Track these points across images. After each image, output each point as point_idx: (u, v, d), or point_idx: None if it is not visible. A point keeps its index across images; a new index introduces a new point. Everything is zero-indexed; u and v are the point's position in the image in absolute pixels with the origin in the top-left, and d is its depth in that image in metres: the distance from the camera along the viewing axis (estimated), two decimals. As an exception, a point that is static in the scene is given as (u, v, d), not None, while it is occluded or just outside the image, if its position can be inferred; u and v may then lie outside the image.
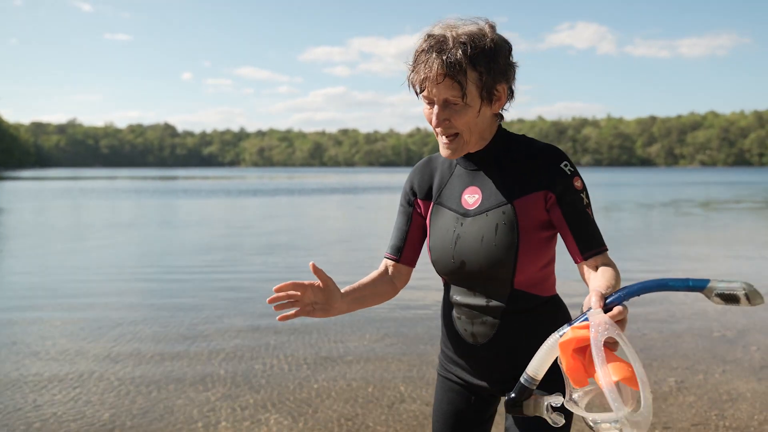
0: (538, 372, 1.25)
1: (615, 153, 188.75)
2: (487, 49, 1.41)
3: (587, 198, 1.51)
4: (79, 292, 7.39)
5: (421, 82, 1.44)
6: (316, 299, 1.49)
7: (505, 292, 1.52)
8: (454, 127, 1.47)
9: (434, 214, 1.61)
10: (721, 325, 5.79)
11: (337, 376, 4.40)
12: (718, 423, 3.61)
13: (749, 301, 1.13)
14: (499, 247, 1.48)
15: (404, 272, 1.71)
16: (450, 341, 1.65)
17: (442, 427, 1.69)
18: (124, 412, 3.75)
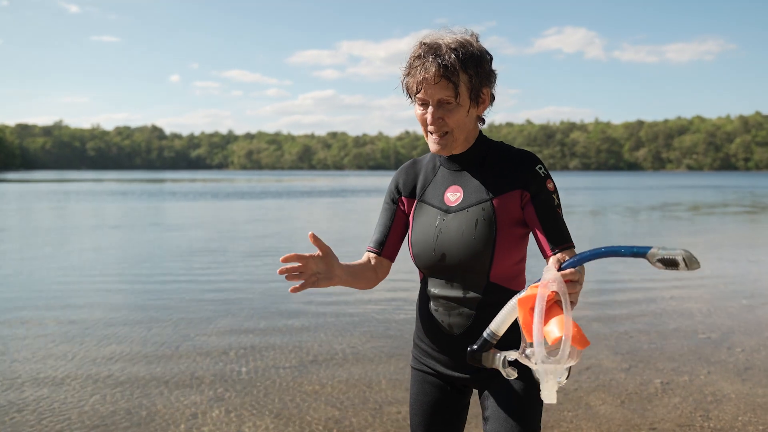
0: (499, 328, 1.38)
1: (603, 157, 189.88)
2: (475, 54, 1.59)
3: (558, 199, 1.65)
4: (64, 295, 7.31)
5: (418, 83, 1.59)
6: (318, 269, 1.56)
7: (482, 284, 1.64)
8: (447, 125, 1.61)
9: (417, 211, 1.73)
10: (706, 326, 5.83)
11: (323, 378, 4.38)
12: (703, 424, 3.62)
13: (687, 266, 1.21)
14: (478, 241, 1.61)
15: (385, 265, 1.81)
16: (426, 334, 1.74)
17: (420, 419, 1.76)
18: (108, 415, 3.71)
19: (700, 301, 6.99)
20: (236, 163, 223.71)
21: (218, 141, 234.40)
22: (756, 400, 3.99)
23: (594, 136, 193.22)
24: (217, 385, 4.25)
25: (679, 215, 20.93)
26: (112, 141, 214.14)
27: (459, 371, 1.69)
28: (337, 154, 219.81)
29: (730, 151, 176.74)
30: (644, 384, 4.29)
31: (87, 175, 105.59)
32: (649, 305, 6.75)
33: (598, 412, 3.78)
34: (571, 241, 1.63)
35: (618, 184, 60.12)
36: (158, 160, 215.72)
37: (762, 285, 7.91)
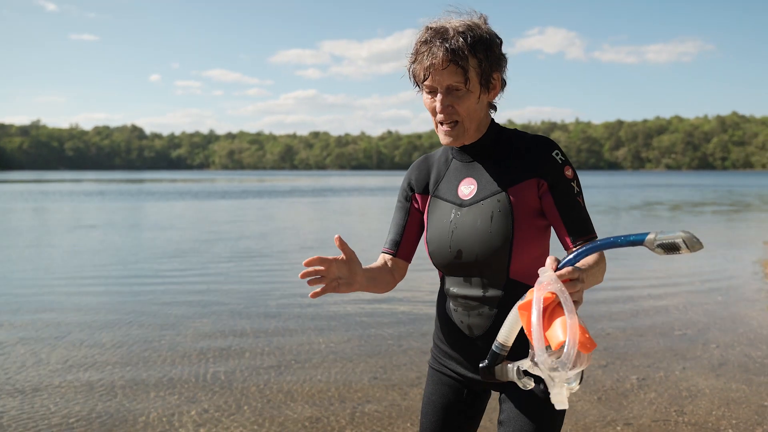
0: (507, 339, 1.30)
1: (583, 157, 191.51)
2: (485, 38, 1.50)
3: (578, 187, 1.56)
4: (38, 297, 7.20)
5: (425, 69, 1.49)
6: (340, 274, 1.49)
7: (501, 282, 1.55)
8: (457, 113, 1.53)
9: (432, 207, 1.66)
10: (682, 323, 5.91)
11: (302, 378, 4.37)
12: (678, 419, 3.67)
13: (689, 248, 1.17)
14: (495, 235, 1.52)
15: (401, 266, 1.74)
16: (445, 334, 1.67)
17: (431, 420, 1.70)
18: (83, 418, 3.66)
19: (676, 298, 7.08)
20: (217, 163, 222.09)
21: (199, 141, 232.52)
22: (730, 394, 4.05)
23: (575, 136, 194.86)
24: (194, 386, 4.22)
25: (659, 214, 21.19)
26: (90, 141, 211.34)
27: (473, 373, 1.62)
28: (320, 154, 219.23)
29: (707, 151, 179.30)
30: (621, 380, 4.33)
31: (65, 175, 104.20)
32: (626, 303, 6.82)
33: (575, 409, 3.81)
34: (594, 232, 1.54)
35: (599, 183, 60.65)
36: (138, 161, 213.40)
37: (737, 282, 8.03)
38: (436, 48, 1.47)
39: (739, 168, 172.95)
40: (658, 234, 1.19)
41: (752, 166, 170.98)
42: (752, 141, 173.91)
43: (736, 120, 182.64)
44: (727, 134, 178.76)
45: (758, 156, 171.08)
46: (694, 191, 40.90)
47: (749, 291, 7.43)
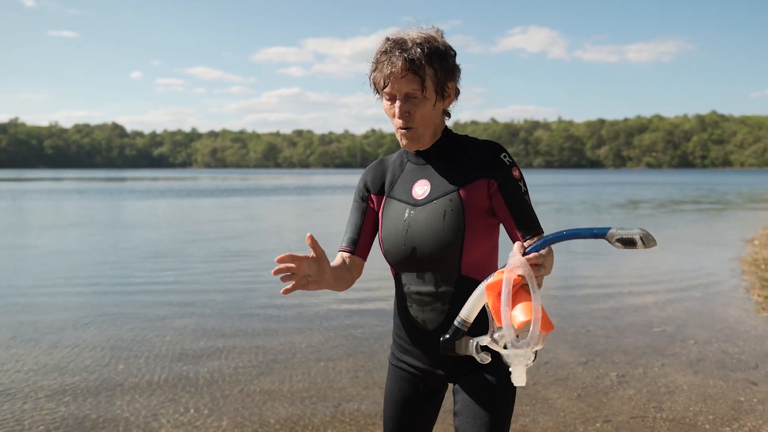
0: (469, 315, 1.38)
1: (566, 155, 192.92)
2: (440, 49, 1.61)
3: (525, 186, 1.67)
4: (15, 297, 7.09)
5: (385, 77, 1.60)
6: (310, 272, 1.54)
7: (453, 277, 1.64)
8: (414, 119, 1.63)
9: (386, 207, 1.75)
10: (661, 320, 5.97)
11: (283, 378, 4.35)
12: (656, 415, 3.71)
13: (644, 244, 1.27)
14: (447, 231, 1.62)
15: (358, 264, 1.80)
16: (402, 330, 1.76)
17: (392, 414, 1.79)
18: (59, 419, 3.61)
19: (655, 296, 7.16)
20: (200, 161, 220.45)
21: (181, 139, 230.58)
22: (707, 390, 4.10)
23: (557, 135, 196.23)
24: (174, 386, 4.18)
25: (643, 212, 21.39)
26: (70, 139, 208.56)
27: (434, 367, 1.71)
28: (303, 152, 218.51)
29: (687, 149, 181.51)
30: (600, 377, 4.37)
31: (45, 173, 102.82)
32: (606, 300, 6.88)
33: (555, 406, 3.84)
34: (540, 227, 1.64)
35: (581, 181, 61.17)
36: (119, 159, 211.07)
37: (715, 279, 8.14)
38: (396, 57, 1.57)
39: (719, 166, 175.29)
40: (618, 229, 1.29)
41: (731, 165, 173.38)
42: (731, 140, 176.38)
43: (715, 119, 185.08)
44: (706, 133, 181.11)
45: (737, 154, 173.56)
46: (677, 189, 41.37)
47: (727, 288, 7.53)
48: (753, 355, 4.85)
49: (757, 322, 5.84)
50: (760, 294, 7.00)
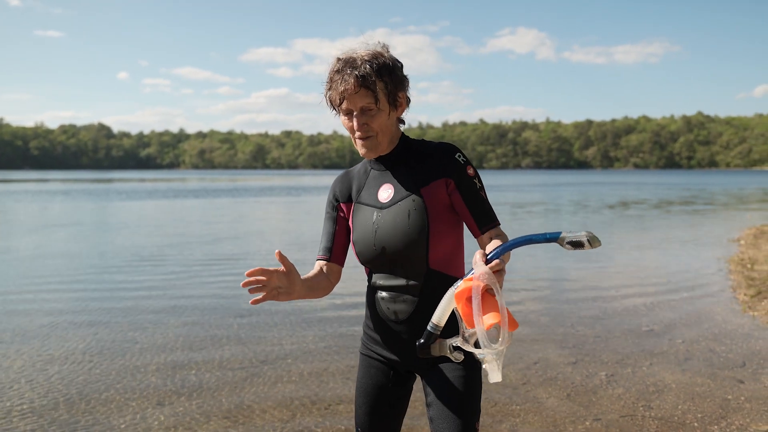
0: (441, 320, 1.51)
1: (554, 155, 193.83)
2: (387, 64, 1.74)
3: (480, 182, 1.80)
4: (1, 299, 7.02)
5: (340, 94, 1.72)
6: (280, 284, 1.64)
7: (422, 272, 1.75)
8: (372, 129, 1.76)
9: (355, 213, 1.87)
10: (649, 320, 6.01)
11: (274, 381, 4.33)
12: (645, 413, 3.73)
13: (591, 245, 1.40)
14: (413, 229, 1.73)
15: (335, 270, 1.92)
16: (373, 322, 1.87)
17: (363, 401, 1.89)
18: (47, 423, 3.58)
19: (643, 295, 7.21)
20: (188, 162, 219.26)
21: (169, 140, 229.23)
22: (695, 389, 4.13)
23: (545, 136, 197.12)
24: (162, 390, 4.15)
25: (630, 213, 21.53)
26: (56, 140, 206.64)
27: (402, 357, 1.82)
28: (292, 153, 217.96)
29: (674, 150, 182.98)
30: (590, 377, 4.39)
31: (30, 175, 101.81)
32: (595, 301, 6.92)
33: (545, 405, 3.86)
34: (497, 220, 1.78)
35: (570, 181, 61.48)
36: (106, 160, 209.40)
37: (702, 279, 8.21)
38: (348, 75, 1.70)
39: (705, 167, 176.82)
40: (567, 233, 1.42)
41: (717, 165, 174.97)
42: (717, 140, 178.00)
43: (701, 120, 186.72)
44: (692, 134, 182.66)
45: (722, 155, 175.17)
46: (664, 190, 41.67)
47: (714, 288, 7.60)
48: (740, 353, 4.90)
49: (743, 321, 5.89)
50: (746, 293, 7.07)
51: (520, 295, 7.20)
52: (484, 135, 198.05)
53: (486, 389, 4.12)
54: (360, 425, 1.91)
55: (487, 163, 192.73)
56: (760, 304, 6.56)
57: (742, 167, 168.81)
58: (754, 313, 6.18)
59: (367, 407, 1.88)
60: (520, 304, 6.74)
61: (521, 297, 7.13)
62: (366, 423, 1.89)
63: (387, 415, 1.88)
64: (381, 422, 1.88)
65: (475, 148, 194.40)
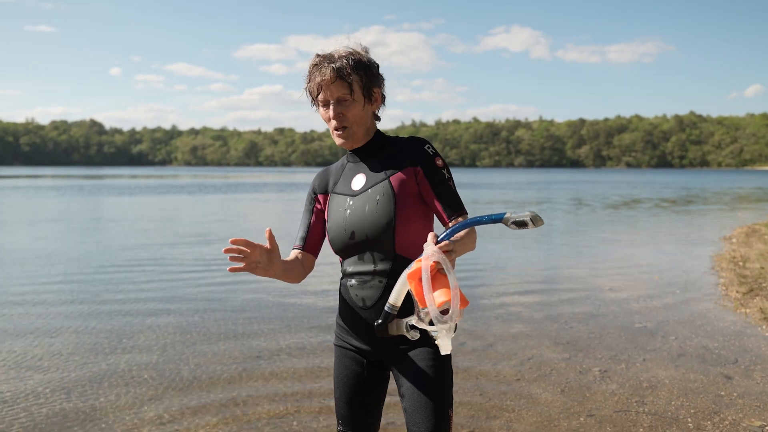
0: (397, 300, 1.56)
1: (546, 154, 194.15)
2: (363, 61, 1.85)
3: (449, 173, 1.88)
4: (-6, 295, 6.97)
5: (317, 85, 1.82)
6: (260, 259, 1.70)
7: (389, 257, 1.82)
8: (347, 119, 1.85)
9: (331, 202, 1.97)
10: (642, 316, 6.04)
11: (268, 376, 4.32)
12: (639, 409, 3.75)
13: (534, 224, 1.46)
14: (380, 215, 1.81)
15: (309, 260, 2.00)
16: (344, 311, 1.92)
17: (341, 393, 1.93)
18: (42, 419, 3.56)
19: (637, 292, 7.24)
20: (180, 159, 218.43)
21: (161, 136, 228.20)
22: (688, 385, 4.15)
23: (538, 134, 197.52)
24: (157, 383, 4.14)
25: (623, 211, 21.61)
26: (47, 136, 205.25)
27: (373, 345, 1.87)
28: (285, 151, 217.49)
29: (666, 149, 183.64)
30: (583, 372, 4.40)
31: (21, 171, 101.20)
32: (588, 297, 6.94)
33: (539, 401, 3.86)
34: (464, 208, 1.85)
35: (563, 179, 61.65)
36: (98, 156, 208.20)
37: (695, 276, 8.25)
38: (325, 68, 1.81)
39: (696, 166, 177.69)
40: (512, 213, 1.48)
41: (708, 165, 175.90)
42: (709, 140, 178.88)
43: (693, 119, 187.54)
44: (685, 133, 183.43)
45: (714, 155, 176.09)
46: (656, 188, 41.85)
47: (706, 285, 7.64)
48: (732, 350, 4.93)
49: (735, 318, 5.93)
50: (738, 290, 7.11)
51: (513, 291, 7.21)
52: (477, 133, 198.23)
53: (479, 384, 4.13)
54: (340, 417, 1.95)
55: (480, 162, 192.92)
56: (752, 301, 6.60)
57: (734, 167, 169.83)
58: (746, 311, 6.21)
59: (344, 398, 1.92)
60: (513, 300, 6.75)
61: (515, 293, 7.14)
62: (345, 414, 1.93)
63: (364, 405, 1.92)
64: (359, 412, 1.92)
65: (468, 146, 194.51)
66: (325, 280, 7.62)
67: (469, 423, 3.54)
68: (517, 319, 5.90)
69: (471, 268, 8.74)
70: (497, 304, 6.58)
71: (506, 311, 6.26)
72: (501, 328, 5.57)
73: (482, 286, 7.46)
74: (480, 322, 5.79)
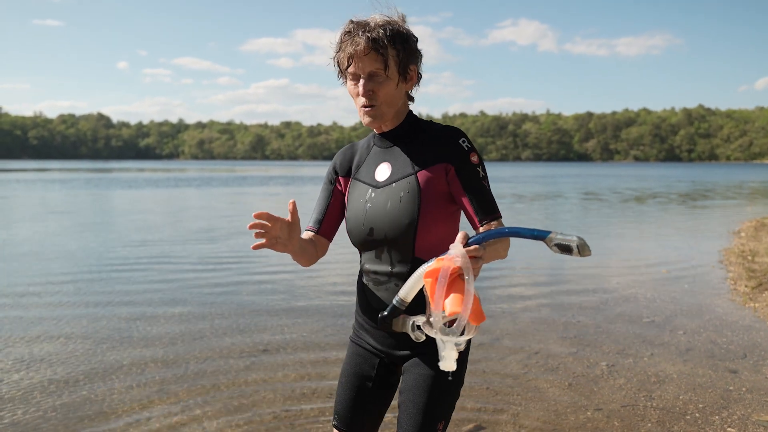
0: (407, 296, 1.44)
1: (554, 148, 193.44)
2: (402, 32, 1.66)
3: (483, 171, 1.69)
4: (1, 286, 7.01)
5: (348, 57, 1.63)
6: (281, 234, 1.59)
7: (408, 259, 1.69)
8: (377, 97, 1.67)
9: (351, 188, 1.82)
10: (650, 311, 6.01)
11: (275, 368, 4.33)
12: (647, 404, 3.73)
13: (580, 252, 1.31)
14: (402, 214, 1.67)
15: (323, 243, 1.87)
16: (361, 308, 1.83)
17: (343, 389, 1.83)
18: (49, 409, 3.57)
19: (644, 287, 7.21)
20: (187, 152, 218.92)
21: (168, 130, 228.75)
22: (696, 380, 4.13)
23: (545, 128, 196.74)
24: (165, 376, 4.15)
25: (630, 204, 21.50)
26: (55, 129, 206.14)
27: (389, 347, 1.76)
28: (291, 144, 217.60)
29: (674, 143, 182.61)
30: (591, 367, 4.39)
31: (29, 164, 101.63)
32: (596, 292, 6.92)
33: (546, 395, 3.85)
34: (498, 212, 1.67)
35: (570, 173, 61.42)
36: (105, 150, 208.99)
37: (703, 270, 8.20)
38: (359, 37, 1.61)
39: (705, 160, 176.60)
40: (557, 234, 1.33)
41: (717, 158, 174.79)
42: (717, 133, 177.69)
43: (702, 113, 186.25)
44: (693, 127, 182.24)
45: (723, 148, 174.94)
46: (670, 183, 41.62)
47: (715, 279, 7.59)
48: (741, 345, 4.90)
49: (744, 313, 5.89)
50: (747, 285, 7.07)
51: (520, 285, 7.19)
52: (484, 127, 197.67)
53: (486, 378, 4.13)
54: (338, 411, 1.84)
55: (487, 155, 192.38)
56: (761, 295, 6.55)
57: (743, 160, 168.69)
58: (754, 305, 6.17)
59: (346, 394, 1.82)
60: (520, 294, 6.74)
61: (521, 286, 7.12)
62: (343, 410, 1.82)
63: (365, 406, 1.80)
64: (358, 411, 1.80)
65: (475, 140, 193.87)
66: (334, 273, 7.62)
67: (475, 417, 3.53)
68: (523, 313, 5.89)
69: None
70: (504, 298, 6.57)
71: (513, 305, 6.25)
72: (508, 322, 5.56)
73: (489, 279, 7.45)
74: (486, 315, 5.77)
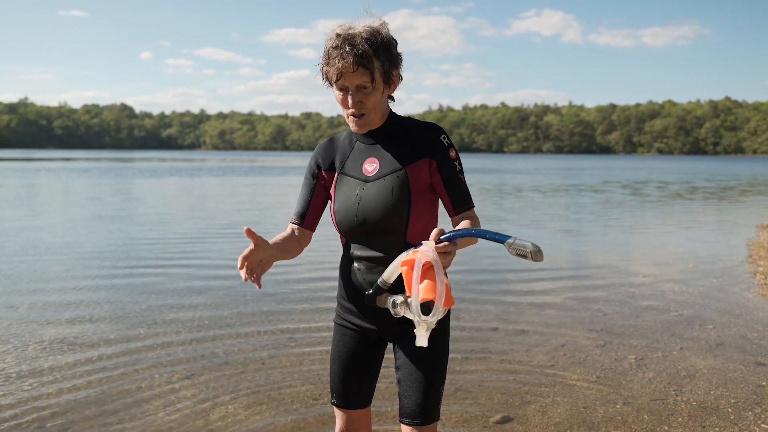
0: (390, 278, 1.67)
1: (576, 140, 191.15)
2: (385, 42, 1.78)
3: (460, 165, 1.89)
4: (31, 275, 7.13)
5: (338, 71, 1.76)
6: (259, 257, 1.68)
7: (399, 245, 1.84)
8: (365, 107, 1.81)
9: (339, 183, 1.93)
10: (678, 305, 5.92)
11: (300, 356, 4.35)
12: (677, 398, 3.68)
13: (533, 258, 1.48)
14: (396, 204, 1.82)
15: (307, 235, 2.00)
16: (347, 292, 1.95)
17: (337, 369, 1.98)
18: (81, 396, 3.62)
19: (672, 280, 7.10)
20: (209, 143, 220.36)
21: (190, 120, 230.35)
22: (728, 375, 4.06)
23: (567, 120, 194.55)
24: (192, 364, 4.19)
25: (656, 197, 21.22)
26: (79, 119, 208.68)
27: (374, 324, 1.92)
28: (312, 135, 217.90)
29: (699, 136, 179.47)
30: (619, 360, 4.33)
31: (54, 153, 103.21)
32: (622, 285, 6.83)
33: (574, 387, 3.81)
34: (471, 203, 1.88)
35: (593, 165, 60.69)
36: (128, 140, 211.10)
37: (731, 264, 8.06)
38: (346, 53, 1.73)
39: (731, 153, 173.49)
40: (516, 240, 1.50)
41: (743, 152, 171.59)
42: (744, 126, 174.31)
43: (728, 105, 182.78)
44: (719, 119, 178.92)
45: (749, 141, 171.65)
46: (696, 176, 41.00)
47: (743, 273, 7.46)
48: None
49: (775, 308, 5.78)
50: (778, 280, 6.93)
51: (544, 278, 7.13)
52: (505, 118, 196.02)
53: (513, 370, 4.10)
54: (335, 390, 1.99)
55: (508, 147, 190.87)
56: (792, 290, 6.42)
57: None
58: (786, 300, 6.05)
59: (341, 374, 1.97)
60: (544, 287, 6.68)
61: (546, 279, 7.06)
62: (340, 388, 1.98)
63: (360, 381, 1.98)
64: (354, 387, 1.97)
65: (496, 131, 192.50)
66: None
67: (503, 408, 3.51)
68: (549, 306, 5.83)
69: (501, 254, 8.66)
70: (528, 291, 6.52)
71: (538, 298, 6.19)
72: (533, 314, 5.52)
73: (513, 272, 7.39)
74: (512, 308, 5.74)
